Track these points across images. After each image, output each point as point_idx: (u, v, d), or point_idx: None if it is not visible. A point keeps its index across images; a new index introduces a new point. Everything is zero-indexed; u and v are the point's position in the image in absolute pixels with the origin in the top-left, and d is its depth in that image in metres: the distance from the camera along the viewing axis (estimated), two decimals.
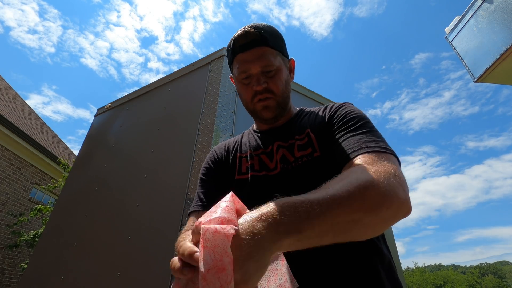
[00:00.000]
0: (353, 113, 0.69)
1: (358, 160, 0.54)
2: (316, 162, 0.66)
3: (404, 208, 0.46)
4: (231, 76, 0.86)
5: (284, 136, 0.77)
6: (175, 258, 0.39)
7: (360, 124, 0.64)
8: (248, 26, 0.73)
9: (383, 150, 0.55)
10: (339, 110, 0.72)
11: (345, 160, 0.57)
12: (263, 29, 0.73)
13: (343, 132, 0.64)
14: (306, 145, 0.70)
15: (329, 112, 0.74)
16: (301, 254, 0.60)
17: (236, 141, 0.89)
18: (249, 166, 0.76)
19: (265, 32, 0.73)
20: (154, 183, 1.66)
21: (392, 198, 0.44)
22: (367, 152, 0.54)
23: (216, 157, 0.84)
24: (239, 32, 0.73)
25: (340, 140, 0.63)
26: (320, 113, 0.77)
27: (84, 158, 2.43)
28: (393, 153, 0.56)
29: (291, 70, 0.83)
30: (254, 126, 0.91)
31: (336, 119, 0.70)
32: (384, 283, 0.57)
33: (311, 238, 0.39)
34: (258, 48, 0.72)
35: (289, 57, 0.83)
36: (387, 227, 0.47)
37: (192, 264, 0.36)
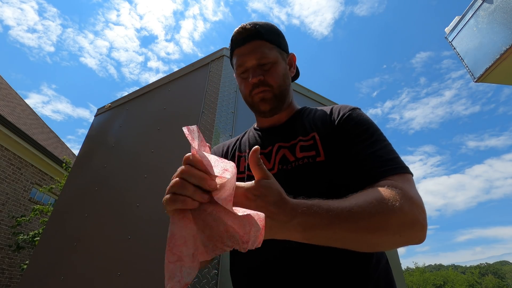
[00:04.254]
0: (367, 122, 0.67)
1: (384, 182, 0.54)
2: (318, 167, 0.64)
3: (416, 237, 0.49)
4: (235, 74, 0.86)
5: (286, 136, 0.75)
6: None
7: (376, 137, 0.63)
8: (246, 23, 0.75)
9: (404, 171, 0.57)
10: (351, 116, 0.69)
11: (369, 179, 0.57)
12: (259, 24, 0.75)
13: (361, 145, 0.62)
14: (310, 147, 0.68)
15: (337, 117, 0.71)
16: (292, 257, 0.59)
17: (237, 140, 0.88)
18: (246, 165, 0.75)
19: (261, 27, 0.75)
20: (154, 183, 1.66)
21: (407, 227, 0.47)
22: (392, 175, 0.56)
23: None
24: (237, 28, 0.76)
25: (359, 154, 0.61)
26: (327, 117, 0.73)
27: (84, 158, 2.43)
28: (410, 172, 0.58)
29: (291, 65, 0.83)
30: (256, 124, 0.89)
31: (349, 127, 0.67)
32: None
33: (319, 241, 0.44)
34: (253, 42, 0.74)
35: (290, 53, 0.83)
36: (395, 247, 0.51)
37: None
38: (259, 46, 0.74)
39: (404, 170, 0.57)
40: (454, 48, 2.87)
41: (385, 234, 0.45)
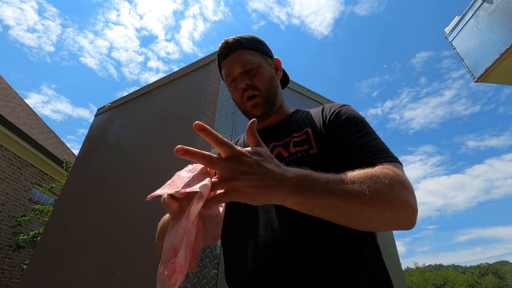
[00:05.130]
0: (357, 116, 0.70)
1: (378, 167, 0.55)
2: (311, 159, 0.66)
3: (407, 219, 0.50)
4: (227, 86, 0.90)
5: (280, 135, 0.78)
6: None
7: (366, 130, 0.66)
8: (228, 38, 0.82)
9: (394, 160, 0.59)
10: (341, 112, 0.72)
11: (363, 166, 0.58)
12: (240, 36, 0.82)
13: (353, 136, 0.65)
14: (303, 142, 0.71)
15: (329, 113, 0.74)
16: (281, 256, 0.59)
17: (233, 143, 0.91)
18: None
19: (242, 38, 0.82)
20: (154, 183, 1.66)
21: (398, 205, 0.48)
22: (382, 162, 0.57)
23: None
24: (220, 44, 0.82)
25: (350, 146, 0.63)
26: (319, 113, 0.77)
27: (84, 158, 2.43)
28: (400, 162, 0.60)
29: (277, 69, 0.88)
30: None
31: (340, 121, 0.70)
32: None
33: (314, 207, 0.45)
34: (236, 52, 0.80)
35: (274, 57, 0.88)
36: (386, 228, 0.51)
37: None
38: (241, 55, 0.79)
39: (394, 159, 0.59)
40: (454, 48, 2.87)
41: (377, 208, 0.46)
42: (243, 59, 0.78)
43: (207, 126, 0.42)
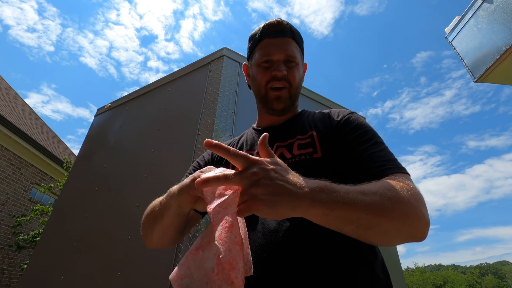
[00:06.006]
0: (366, 125, 0.70)
1: (388, 178, 0.55)
2: (314, 163, 0.66)
3: (421, 232, 0.50)
4: (244, 64, 0.88)
5: (284, 135, 0.77)
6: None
7: (375, 140, 0.66)
8: (279, 18, 0.79)
9: (404, 171, 0.59)
10: (350, 119, 0.72)
11: (371, 176, 0.58)
12: (293, 26, 0.80)
13: (363, 145, 0.64)
14: (308, 145, 0.70)
15: (336, 119, 0.73)
16: (283, 258, 0.59)
17: (234, 141, 0.90)
18: None
19: (294, 29, 0.80)
20: (154, 183, 1.66)
21: (415, 218, 0.48)
22: (394, 173, 0.57)
23: (205, 159, 0.85)
24: (271, 20, 0.79)
25: (361, 153, 0.63)
26: (326, 118, 0.76)
27: (84, 158, 2.43)
28: (409, 173, 0.60)
29: (303, 73, 0.87)
30: (255, 124, 0.90)
31: (349, 128, 0.69)
32: None
33: (337, 219, 0.43)
34: (286, 38, 0.78)
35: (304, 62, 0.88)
36: (401, 241, 0.50)
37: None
38: (290, 43, 0.77)
39: (403, 171, 0.59)
40: (454, 48, 2.87)
41: (396, 220, 0.46)
42: (291, 50, 0.76)
43: (217, 141, 0.43)
